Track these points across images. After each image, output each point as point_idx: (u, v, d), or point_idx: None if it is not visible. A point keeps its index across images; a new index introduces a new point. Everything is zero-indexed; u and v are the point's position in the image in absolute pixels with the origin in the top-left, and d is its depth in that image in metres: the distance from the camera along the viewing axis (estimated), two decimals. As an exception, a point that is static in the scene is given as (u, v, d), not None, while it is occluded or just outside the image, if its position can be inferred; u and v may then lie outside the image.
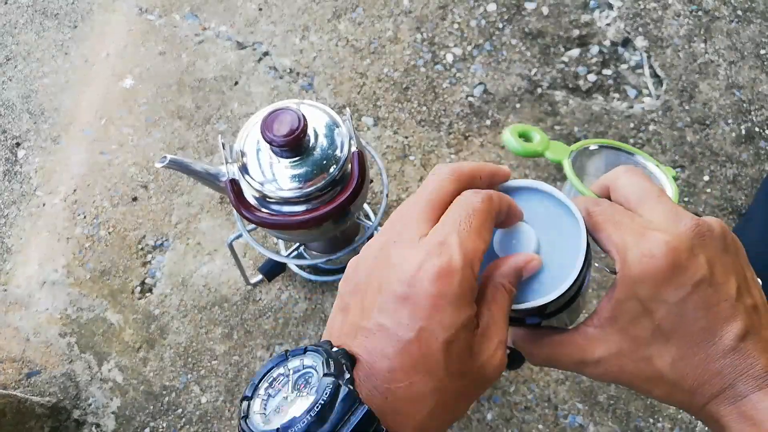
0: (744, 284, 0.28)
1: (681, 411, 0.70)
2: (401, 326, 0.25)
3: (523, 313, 0.31)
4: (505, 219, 0.29)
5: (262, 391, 0.25)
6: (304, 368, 0.26)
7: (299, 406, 0.24)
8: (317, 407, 0.23)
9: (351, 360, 0.25)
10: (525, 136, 0.42)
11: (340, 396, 0.23)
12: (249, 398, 0.25)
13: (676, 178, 0.43)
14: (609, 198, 0.31)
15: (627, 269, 0.27)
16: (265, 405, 0.25)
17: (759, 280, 0.30)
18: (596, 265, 0.32)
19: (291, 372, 0.26)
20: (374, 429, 0.24)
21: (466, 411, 0.30)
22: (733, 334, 0.26)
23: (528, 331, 0.32)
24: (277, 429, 0.23)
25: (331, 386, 0.24)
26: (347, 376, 0.24)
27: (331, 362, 0.25)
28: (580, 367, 0.29)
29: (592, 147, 0.45)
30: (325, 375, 0.24)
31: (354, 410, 0.23)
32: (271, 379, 0.26)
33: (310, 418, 0.23)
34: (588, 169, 0.45)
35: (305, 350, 0.26)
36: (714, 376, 0.27)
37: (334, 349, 0.26)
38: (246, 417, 0.24)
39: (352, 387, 0.24)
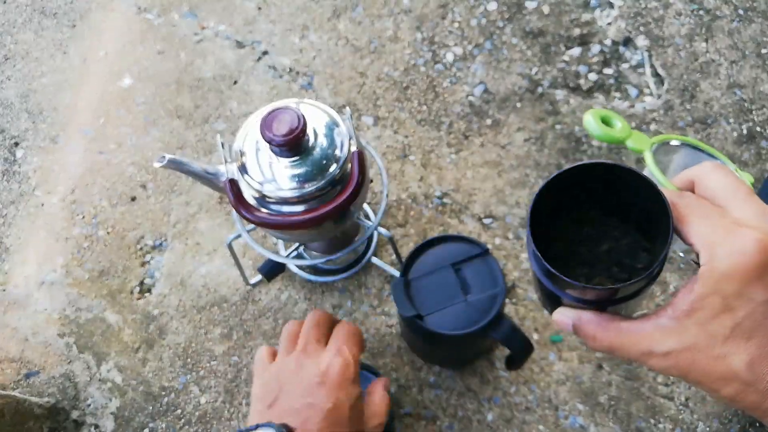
0: None
1: (681, 411, 0.70)
2: (321, 400, 0.42)
3: (597, 293, 0.31)
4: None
5: None
6: None
7: None
8: None
9: (290, 429, 0.40)
10: (606, 122, 0.42)
11: None
12: None
13: (752, 185, 0.43)
14: (692, 191, 0.31)
15: (714, 264, 0.27)
16: None
17: None
18: (680, 254, 0.32)
19: None
20: None
21: None
22: None
23: (595, 316, 0.31)
24: None
25: None
26: None
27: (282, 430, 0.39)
28: (645, 358, 0.29)
29: (674, 142, 0.45)
30: None
31: None
32: None
33: None
34: (666, 163, 0.45)
35: (257, 426, 0.41)
36: None
37: (278, 423, 0.40)
38: None
39: None
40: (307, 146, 0.56)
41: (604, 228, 0.35)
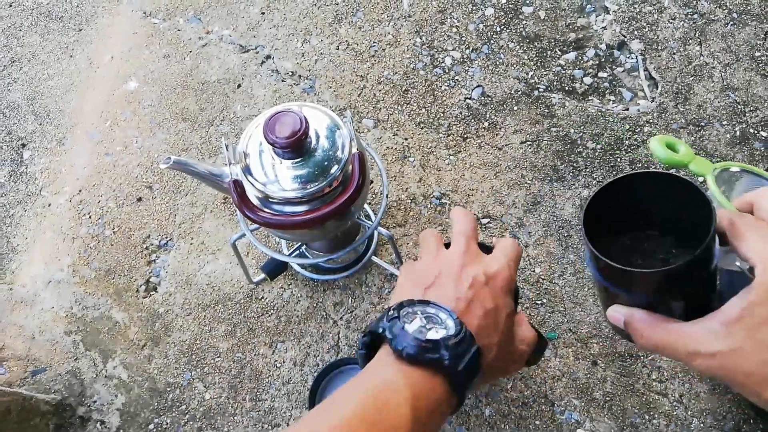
0: None
1: (676, 408, 0.71)
2: (485, 298, 0.40)
3: (656, 277, 0.33)
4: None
5: (400, 315, 0.37)
6: (428, 312, 0.38)
7: (435, 333, 0.37)
8: (457, 334, 0.37)
9: (460, 321, 0.38)
10: (671, 147, 0.46)
11: (465, 332, 0.37)
12: (396, 317, 0.37)
13: None
14: (751, 213, 0.35)
15: (765, 275, 0.29)
16: (404, 325, 0.37)
17: None
18: (737, 265, 0.34)
19: (419, 312, 0.38)
20: (477, 360, 0.37)
21: (505, 373, 0.46)
22: None
23: (646, 314, 0.34)
24: (436, 340, 0.36)
25: (460, 326, 0.37)
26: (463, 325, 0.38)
27: (454, 315, 0.38)
28: (691, 358, 0.31)
29: (734, 169, 0.49)
30: (451, 317, 0.38)
31: (471, 344, 0.37)
32: (405, 312, 0.38)
33: (455, 339, 0.36)
34: (728, 190, 0.50)
35: (427, 303, 0.39)
36: None
37: (439, 303, 0.40)
38: (397, 319, 0.37)
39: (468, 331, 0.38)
40: (309, 148, 0.58)
41: (660, 241, 0.38)
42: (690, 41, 0.93)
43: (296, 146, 0.55)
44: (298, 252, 0.76)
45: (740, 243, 0.32)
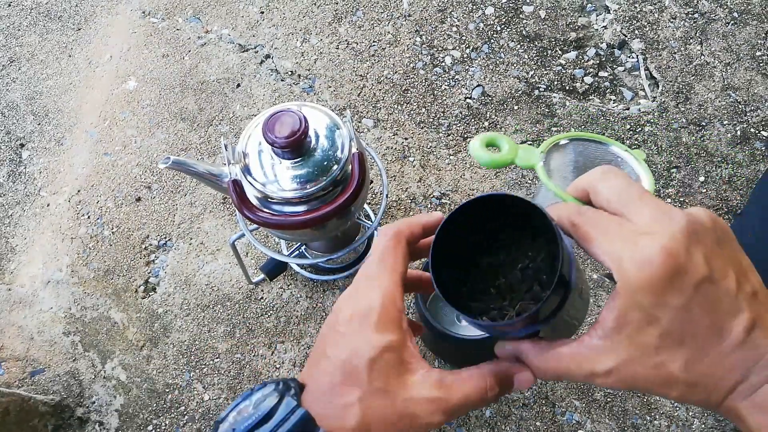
0: (741, 273, 0.27)
1: (677, 408, 0.71)
2: (339, 351, 0.31)
3: (517, 325, 0.30)
4: (430, 230, 0.34)
5: (230, 417, 0.31)
6: (264, 398, 0.31)
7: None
8: (260, 413, 0.29)
9: (300, 385, 0.32)
10: (493, 145, 0.41)
11: (283, 403, 0.29)
12: (220, 422, 0.31)
13: (645, 160, 0.41)
14: (589, 200, 0.31)
15: (625, 279, 0.27)
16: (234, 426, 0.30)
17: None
18: (594, 276, 0.32)
19: (253, 403, 0.31)
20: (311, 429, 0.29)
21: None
22: (740, 328, 0.26)
23: (533, 345, 0.31)
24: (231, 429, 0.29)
25: (277, 397, 0.30)
26: (292, 392, 0.30)
27: (281, 384, 0.31)
28: (591, 378, 0.29)
29: (562, 142, 0.43)
30: (275, 390, 0.31)
31: (294, 412, 0.29)
32: (239, 409, 0.31)
33: (255, 419, 0.29)
34: (561, 166, 0.44)
35: (264, 384, 0.32)
36: (728, 371, 0.27)
37: (287, 378, 0.33)
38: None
39: (294, 399, 0.30)
40: (308, 148, 0.57)
41: (517, 250, 0.35)
42: (691, 40, 0.93)
43: (296, 146, 0.55)
44: (297, 252, 0.76)
45: (588, 246, 0.29)
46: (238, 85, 0.95)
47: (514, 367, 0.33)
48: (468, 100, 0.91)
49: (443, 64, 0.94)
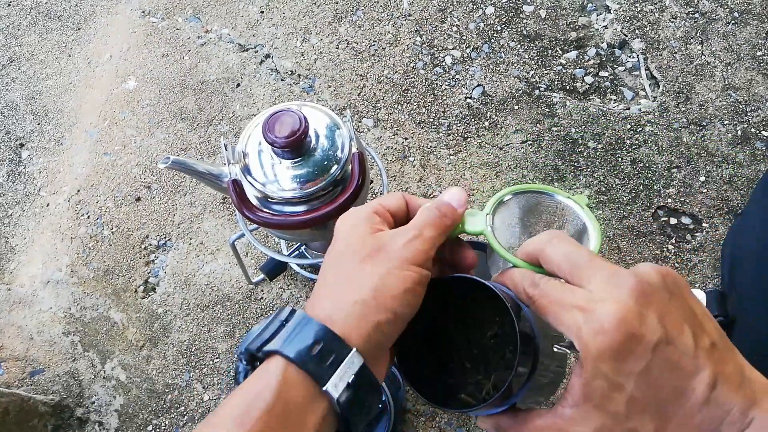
0: (697, 325, 0.27)
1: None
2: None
3: (494, 403, 0.31)
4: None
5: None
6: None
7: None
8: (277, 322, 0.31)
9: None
10: None
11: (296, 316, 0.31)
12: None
13: (589, 206, 0.41)
14: (539, 263, 0.32)
15: (585, 349, 0.27)
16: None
17: (708, 311, 0.29)
18: (557, 349, 0.32)
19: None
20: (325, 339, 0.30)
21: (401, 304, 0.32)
22: (703, 386, 0.26)
23: (510, 419, 0.32)
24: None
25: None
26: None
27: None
28: None
29: (506, 198, 0.43)
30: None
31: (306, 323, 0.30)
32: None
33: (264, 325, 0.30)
34: (508, 222, 0.44)
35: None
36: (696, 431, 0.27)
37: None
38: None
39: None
40: (308, 148, 0.57)
41: (482, 319, 0.35)
42: (691, 40, 0.93)
43: (295, 146, 0.55)
44: (297, 252, 0.76)
45: (546, 317, 0.29)
46: (238, 85, 0.95)
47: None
48: (468, 100, 0.91)
49: (443, 63, 0.94)
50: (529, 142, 0.87)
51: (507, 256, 0.35)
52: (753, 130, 0.86)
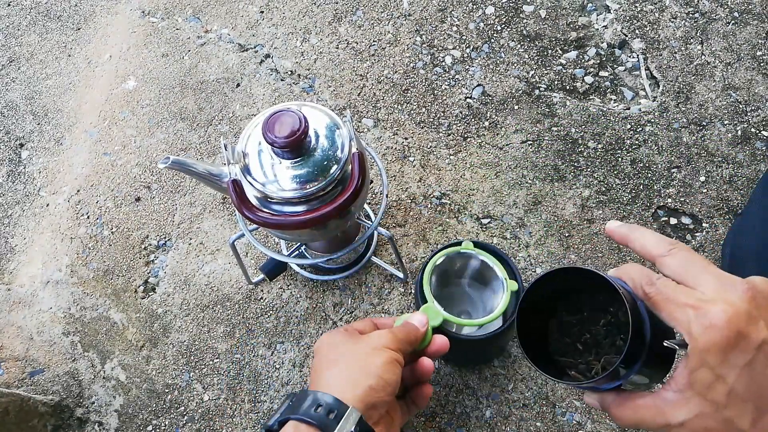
0: None
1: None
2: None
3: (601, 381, 0.35)
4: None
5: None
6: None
7: None
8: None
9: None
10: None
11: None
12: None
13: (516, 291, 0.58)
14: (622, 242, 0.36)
15: (693, 342, 0.30)
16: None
17: None
18: (666, 344, 0.35)
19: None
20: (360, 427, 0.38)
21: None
22: None
23: (614, 396, 0.35)
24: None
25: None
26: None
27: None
28: (665, 429, 0.32)
29: (439, 261, 0.59)
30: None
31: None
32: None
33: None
34: (442, 275, 0.63)
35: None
36: None
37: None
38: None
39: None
40: (308, 148, 0.57)
41: (595, 308, 0.40)
42: (691, 40, 0.93)
43: (295, 146, 0.55)
44: (297, 252, 0.76)
45: (661, 313, 0.32)
46: (238, 85, 0.95)
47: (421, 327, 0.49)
48: (468, 100, 0.91)
49: (443, 63, 0.94)
50: (529, 142, 0.87)
51: (450, 317, 0.49)
52: (753, 130, 0.86)
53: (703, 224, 0.81)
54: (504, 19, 0.96)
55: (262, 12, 1.01)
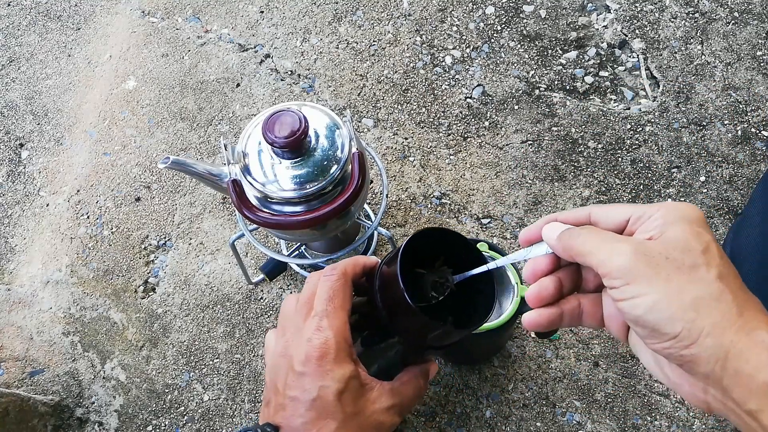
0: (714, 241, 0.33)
1: (678, 409, 0.71)
2: (305, 392, 0.36)
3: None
4: (368, 271, 0.42)
5: None
6: None
7: None
8: None
9: (275, 428, 0.36)
10: None
11: None
12: None
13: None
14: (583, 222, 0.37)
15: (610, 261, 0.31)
16: None
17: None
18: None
19: None
20: None
21: None
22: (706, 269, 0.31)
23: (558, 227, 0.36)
24: None
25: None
26: None
27: (258, 430, 0.36)
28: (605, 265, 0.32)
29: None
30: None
31: None
32: None
33: None
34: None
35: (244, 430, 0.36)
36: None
37: (261, 424, 0.37)
38: None
39: None
40: (308, 148, 0.57)
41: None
42: (691, 40, 0.93)
43: (295, 146, 0.55)
44: (297, 252, 0.76)
45: (583, 258, 0.33)
46: (238, 85, 0.95)
47: (430, 365, 0.43)
48: (468, 100, 0.91)
49: (443, 63, 0.94)
50: (529, 142, 0.87)
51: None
52: (753, 130, 0.86)
53: (703, 224, 0.81)
54: (504, 19, 0.96)
55: (262, 12, 1.01)
